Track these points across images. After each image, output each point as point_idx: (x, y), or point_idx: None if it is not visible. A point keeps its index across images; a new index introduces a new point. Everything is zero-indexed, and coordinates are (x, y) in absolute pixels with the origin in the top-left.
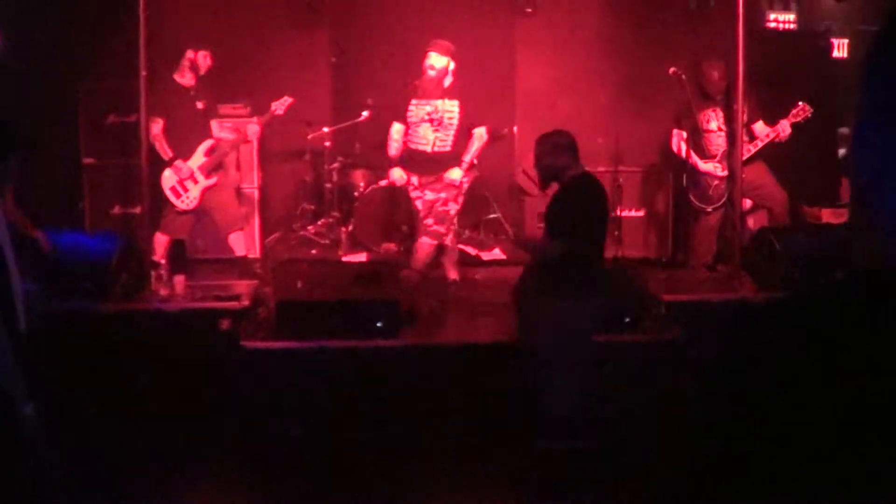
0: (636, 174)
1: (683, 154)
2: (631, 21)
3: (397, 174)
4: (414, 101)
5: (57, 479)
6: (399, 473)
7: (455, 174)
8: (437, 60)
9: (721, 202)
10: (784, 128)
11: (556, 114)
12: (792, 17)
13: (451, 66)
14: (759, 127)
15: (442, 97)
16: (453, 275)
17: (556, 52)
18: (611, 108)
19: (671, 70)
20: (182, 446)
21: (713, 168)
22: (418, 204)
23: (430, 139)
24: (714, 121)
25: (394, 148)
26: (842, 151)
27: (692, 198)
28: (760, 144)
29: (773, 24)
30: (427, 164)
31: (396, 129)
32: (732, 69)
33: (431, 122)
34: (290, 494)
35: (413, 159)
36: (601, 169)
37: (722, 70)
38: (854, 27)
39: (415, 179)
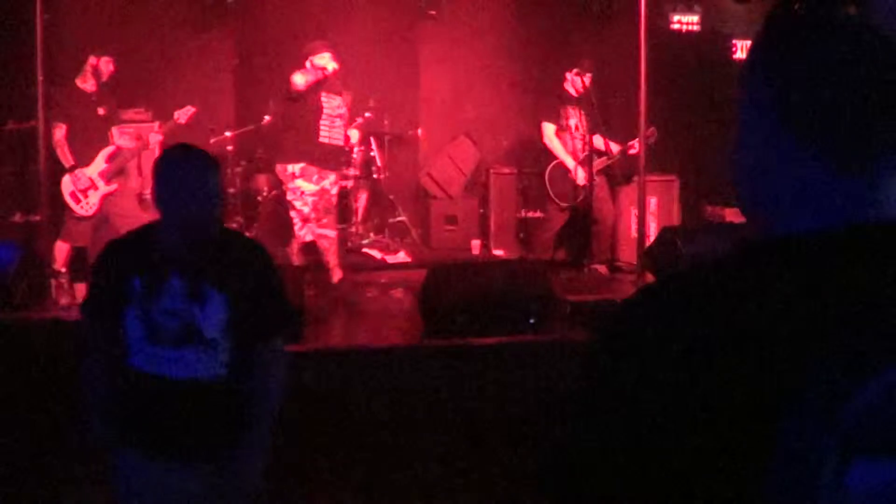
0: (540, 176)
1: (555, 149)
2: (535, 23)
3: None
4: (324, 94)
5: None
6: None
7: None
8: (321, 60)
9: (575, 202)
10: (633, 147)
11: (460, 116)
12: (695, 18)
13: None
14: (597, 140)
15: (339, 93)
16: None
17: (460, 54)
18: (515, 109)
19: (573, 71)
20: (81, 458)
21: (574, 167)
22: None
23: (340, 135)
24: (574, 119)
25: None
26: None
27: (550, 190)
28: (615, 153)
29: (676, 26)
30: (337, 158)
31: None
32: (634, 70)
33: (340, 117)
34: None
35: (330, 153)
36: (506, 171)
37: (591, 75)
38: (757, 28)
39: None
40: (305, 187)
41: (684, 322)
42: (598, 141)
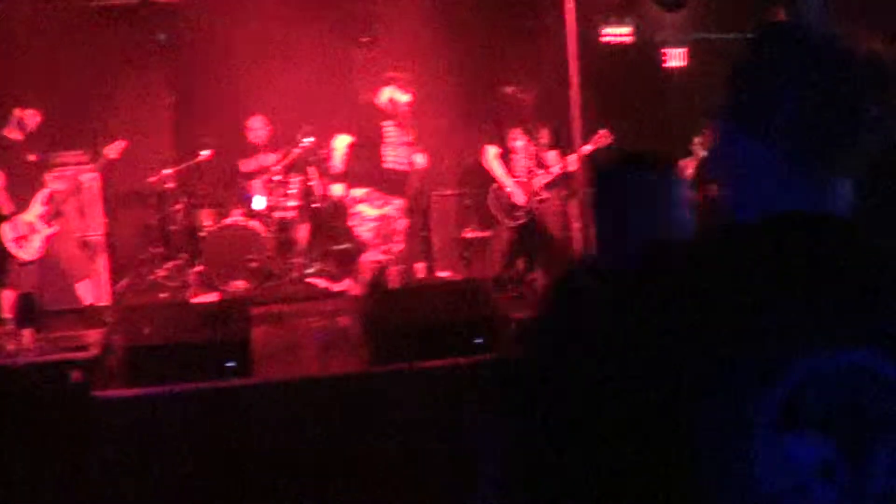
0: (483, 196)
1: (494, 170)
2: (468, 43)
3: (339, 190)
4: (388, 123)
5: None
6: None
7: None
8: (403, 97)
9: (519, 221)
10: (572, 162)
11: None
12: (627, 30)
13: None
14: (552, 156)
15: (409, 126)
16: None
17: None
18: (453, 129)
19: (508, 89)
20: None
21: (516, 188)
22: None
23: (404, 159)
24: (520, 140)
25: (338, 160)
26: (683, 162)
27: (492, 209)
28: (555, 174)
29: (608, 38)
30: (402, 182)
31: (346, 142)
32: (564, 86)
33: (405, 144)
34: None
35: (392, 179)
36: (448, 192)
37: (530, 94)
38: (690, 35)
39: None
40: (365, 213)
41: (636, 292)
42: (553, 156)
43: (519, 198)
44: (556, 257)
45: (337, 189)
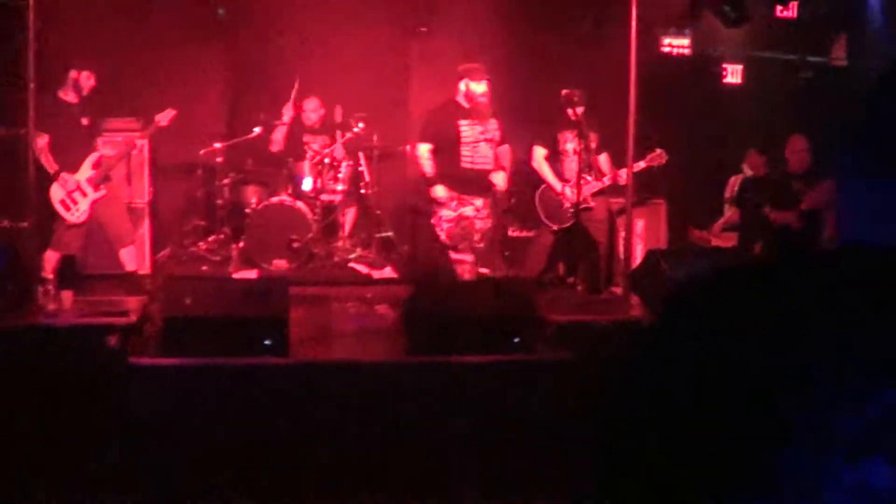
0: (530, 196)
1: (542, 172)
2: (526, 42)
3: (441, 191)
4: (465, 123)
5: None
6: (287, 489)
7: (500, 178)
8: (479, 87)
9: (564, 224)
10: (637, 165)
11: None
12: (686, 42)
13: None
14: (602, 162)
15: (488, 117)
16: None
17: (450, 71)
18: (505, 128)
19: (563, 92)
20: (66, 464)
21: (566, 191)
22: (478, 223)
23: (489, 157)
24: (570, 143)
25: (429, 167)
26: (733, 179)
27: (539, 211)
28: (605, 183)
29: (667, 49)
30: (484, 182)
31: (426, 148)
32: (625, 91)
33: (487, 141)
34: None
35: (472, 178)
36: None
37: (584, 97)
38: (748, 53)
39: (477, 202)
40: (444, 213)
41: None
42: (604, 161)
43: (567, 202)
44: (596, 266)
45: (438, 191)
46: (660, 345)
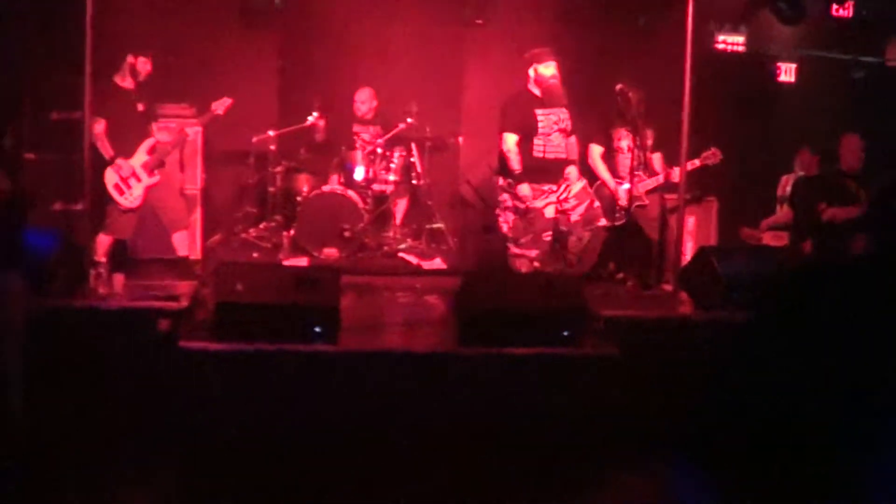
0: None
1: (598, 169)
2: (581, 36)
3: (527, 190)
4: (541, 112)
5: None
6: (334, 478)
7: (573, 172)
8: (548, 70)
9: (618, 222)
10: (692, 164)
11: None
12: (741, 39)
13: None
14: (656, 159)
15: (559, 105)
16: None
17: (505, 64)
18: None
19: (618, 86)
20: (116, 446)
21: (619, 190)
22: (548, 212)
23: (563, 146)
24: (625, 140)
25: (516, 161)
26: (785, 178)
27: None
28: (659, 181)
29: (721, 46)
30: (558, 172)
31: (514, 140)
32: (679, 88)
33: (560, 131)
34: (224, 497)
35: (546, 169)
36: None
37: (639, 94)
38: (803, 52)
39: (550, 187)
40: (507, 202)
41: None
42: (657, 159)
43: (622, 199)
44: (647, 262)
45: (524, 189)
46: (757, 341)
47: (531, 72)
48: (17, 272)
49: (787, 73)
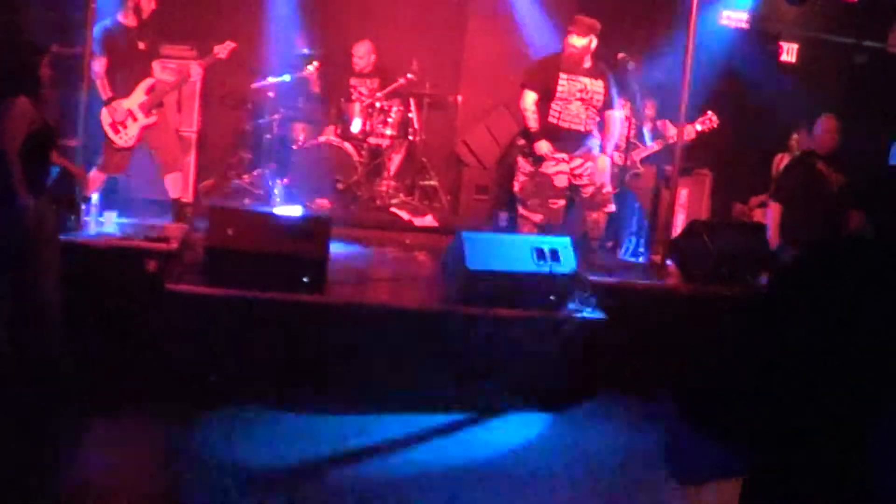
0: None
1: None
2: (585, 4)
3: (545, 147)
4: (563, 75)
5: None
6: (313, 425)
7: (605, 163)
8: (577, 41)
9: (616, 190)
10: (689, 132)
11: (502, 88)
12: (745, 15)
13: (593, 44)
14: (654, 130)
15: (587, 75)
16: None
17: (508, 26)
18: None
19: (619, 55)
20: (98, 382)
21: (616, 156)
22: (558, 180)
23: (582, 117)
24: (623, 110)
25: (533, 120)
26: (779, 156)
27: None
28: (654, 149)
29: (725, 21)
30: (575, 143)
31: (532, 98)
32: (680, 60)
33: (582, 101)
34: (203, 438)
35: (559, 137)
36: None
37: (637, 63)
38: (805, 32)
39: (563, 156)
40: (522, 166)
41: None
42: (655, 130)
43: (616, 171)
44: (640, 231)
45: (542, 147)
46: (772, 316)
47: (568, 38)
48: (50, 202)
49: (788, 52)
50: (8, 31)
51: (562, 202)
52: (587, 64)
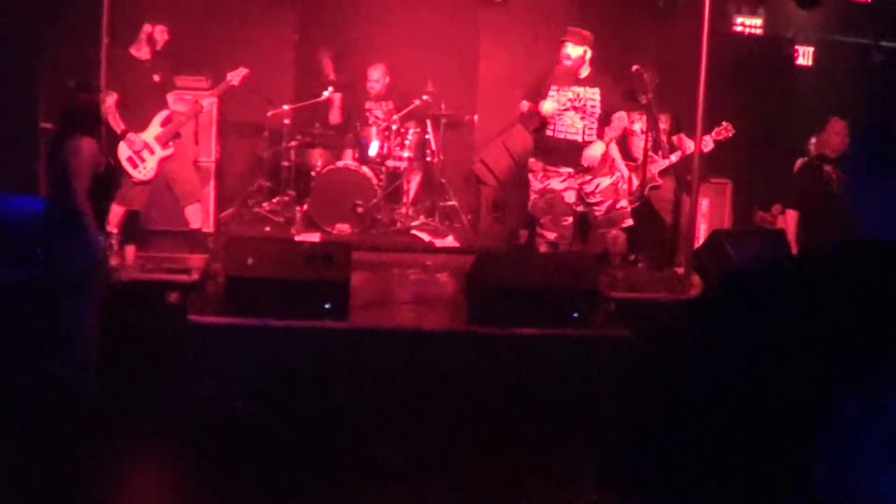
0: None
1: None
2: (598, 17)
3: (550, 105)
4: (553, 87)
5: None
6: (339, 455)
7: (597, 149)
8: (572, 50)
9: (633, 205)
10: (706, 143)
11: (517, 105)
12: (759, 21)
13: (588, 55)
14: (671, 142)
15: (581, 84)
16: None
17: (521, 43)
18: None
19: (633, 67)
20: (124, 417)
21: (633, 172)
22: (566, 196)
23: (578, 127)
24: (638, 123)
25: (527, 116)
26: (800, 161)
27: None
28: (672, 162)
29: (739, 28)
30: (573, 154)
31: (526, 104)
32: (696, 70)
33: (576, 109)
34: (230, 471)
35: (558, 149)
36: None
37: (654, 76)
38: (820, 36)
39: (567, 171)
40: (532, 184)
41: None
42: (671, 143)
43: (634, 182)
44: (659, 244)
45: (547, 105)
46: (714, 320)
47: (564, 48)
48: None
49: (804, 56)
50: (71, 70)
51: (571, 219)
52: (584, 74)
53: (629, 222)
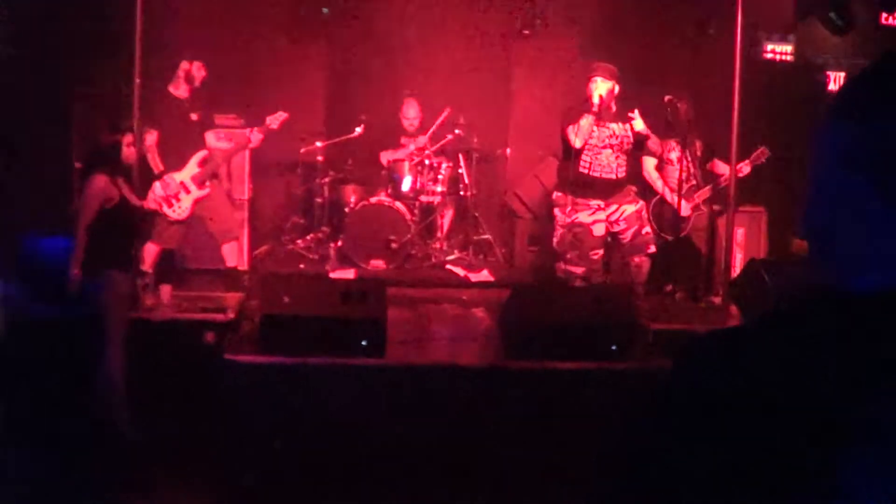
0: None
1: (655, 182)
2: (629, 46)
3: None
4: (585, 118)
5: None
6: (377, 491)
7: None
8: (602, 85)
9: (681, 234)
10: (742, 169)
11: (550, 138)
12: (789, 48)
13: (617, 89)
14: (720, 165)
15: (615, 121)
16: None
17: (553, 75)
18: None
19: (666, 98)
20: (161, 458)
21: (676, 198)
22: (596, 230)
23: (613, 166)
24: (674, 152)
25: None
26: None
27: (654, 221)
28: (711, 189)
29: (770, 55)
30: (608, 191)
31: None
32: (728, 97)
33: (612, 147)
34: None
35: (593, 186)
36: None
37: (688, 105)
38: (852, 61)
39: (597, 203)
40: (559, 218)
41: (736, 376)
42: (706, 170)
43: (685, 211)
44: (699, 273)
45: (556, 193)
46: (754, 351)
47: (592, 83)
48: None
49: (836, 81)
50: (104, 110)
51: (601, 252)
52: (613, 109)
53: (652, 249)
